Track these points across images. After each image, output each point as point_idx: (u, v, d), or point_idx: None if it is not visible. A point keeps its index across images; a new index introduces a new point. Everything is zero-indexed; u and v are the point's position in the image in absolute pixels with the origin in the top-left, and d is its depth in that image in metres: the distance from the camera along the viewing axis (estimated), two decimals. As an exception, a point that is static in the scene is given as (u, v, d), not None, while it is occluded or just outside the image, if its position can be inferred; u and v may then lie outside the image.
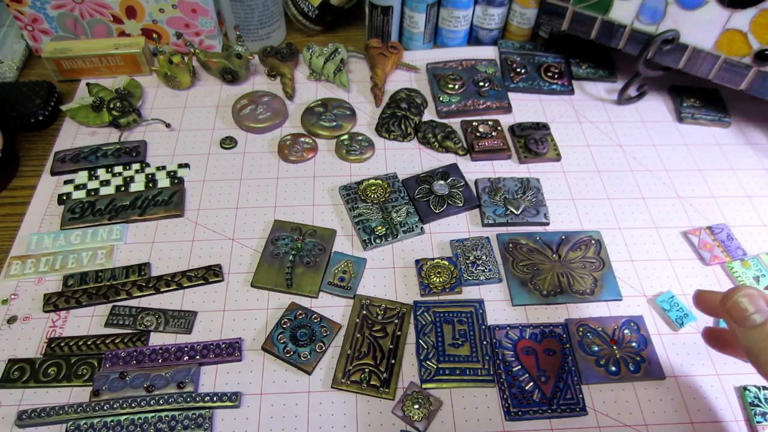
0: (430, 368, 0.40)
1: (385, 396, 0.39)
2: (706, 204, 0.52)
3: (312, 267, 0.45)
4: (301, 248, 0.46)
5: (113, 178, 0.52)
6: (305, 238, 0.47)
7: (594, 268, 0.46)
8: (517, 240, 0.48)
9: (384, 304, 0.43)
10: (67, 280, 0.44)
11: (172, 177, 0.52)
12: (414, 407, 0.38)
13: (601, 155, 0.56)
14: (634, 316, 0.43)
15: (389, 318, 0.42)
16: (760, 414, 0.38)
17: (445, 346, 0.41)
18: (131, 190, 0.51)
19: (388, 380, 0.39)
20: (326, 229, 0.48)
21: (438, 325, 0.42)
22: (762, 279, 0.46)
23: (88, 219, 0.48)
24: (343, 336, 0.42)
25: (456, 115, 0.59)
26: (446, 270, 0.45)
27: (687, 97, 0.61)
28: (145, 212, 0.49)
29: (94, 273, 0.45)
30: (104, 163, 0.53)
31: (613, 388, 0.40)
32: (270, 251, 0.46)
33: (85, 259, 0.46)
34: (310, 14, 0.67)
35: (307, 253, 0.46)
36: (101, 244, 0.47)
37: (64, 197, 0.50)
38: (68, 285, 0.44)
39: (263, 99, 0.59)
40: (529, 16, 0.66)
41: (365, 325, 0.42)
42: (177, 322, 0.42)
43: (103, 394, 0.38)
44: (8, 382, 0.39)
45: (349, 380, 0.39)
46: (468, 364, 0.40)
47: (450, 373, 0.40)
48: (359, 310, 0.43)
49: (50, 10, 0.60)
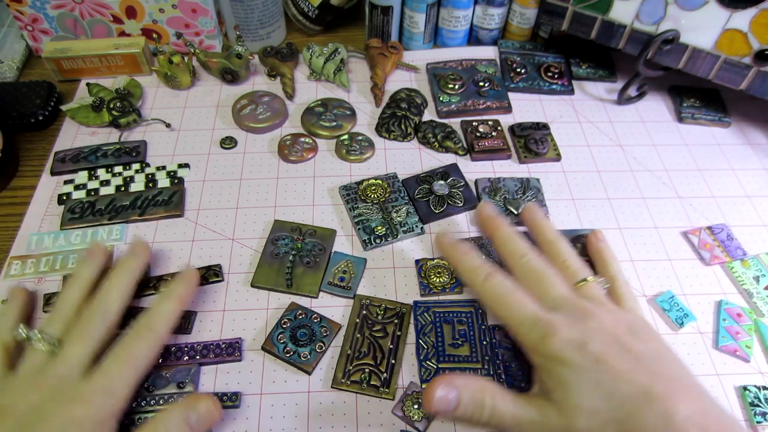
0: (430, 368, 0.40)
1: (385, 396, 0.39)
2: (706, 204, 0.52)
3: (312, 267, 0.45)
4: (301, 248, 0.46)
5: (113, 178, 0.52)
6: (305, 238, 0.47)
7: None
8: None
9: (384, 304, 0.43)
10: None
11: (172, 177, 0.52)
12: (414, 407, 0.38)
13: (601, 155, 0.56)
14: None
15: (389, 318, 0.42)
16: (760, 414, 0.38)
17: (445, 347, 0.41)
18: (131, 190, 0.51)
19: (388, 380, 0.39)
20: (326, 229, 0.48)
21: (438, 325, 0.42)
22: (762, 279, 0.46)
23: (88, 219, 0.48)
24: (343, 336, 0.42)
25: (456, 115, 0.59)
26: (446, 270, 0.45)
27: (687, 97, 0.61)
28: (145, 212, 0.49)
29: None
30: (104, 163, 0.53)
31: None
32: (270, 251, 0.46)
33: None
34: (310, 14, 0.67)
35: (307, 253, 0.46)
36: None
37: (64, 197, 0.50)
38: None
39: (263, 99, 0.59)
40: (529, 16, 0.66)
41: (365, 325, 0.42)
42: (177, 321, 0.42)
43: None
44: None
45: (349, 380, 0.39)
46: (468, 365, 0.40)
47: None
48: (359, 310, 0.43)
49: (50, 10, 0.60)
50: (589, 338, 0.33)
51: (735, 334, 0.42)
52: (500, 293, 0.38)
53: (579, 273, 0.39)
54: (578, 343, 0.33)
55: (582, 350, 0.33)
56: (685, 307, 0.44)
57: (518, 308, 0.36)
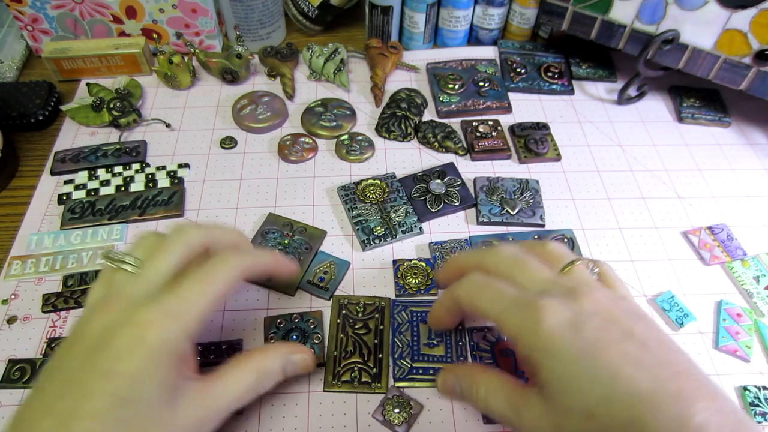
0: (403, 366, 0.40)
1: (379, 390, 0.39)
2: (706, 204, 0.52)
3: None
4: (288, 244, 0.47)
5: (113, 178, 0.52)
6: (294, 235, 0.47)
7: None
8: (489, 242, 0.48)
9: (362, 300, 0.43)
10: (67, 281, 0.44)
11: (172, 177, 0.52)
12: (394, 411, 0.37)
13: (601, 155, 0.56)
14: None
15: (370, 314, 0.42)
16: (760, 414, 0.38)
17: (420, 346, 0.41)
18: (131, 190, 0.51)
19: (378, 375, 0.39)
20: (317, 229, 0.48)
21: (414, 324, 0.42)
22: (762, 279, 0.46)
23: (88, 219, 0.48)
24: (327, 338, 0.41)
25: (456, 115, 0.59)
26: (423, 271, 0.45)
27: (687, 97, 0.61)
28: (145, 212, 0.49)
29: (94, 273, 0.45)
30: (104, 163, 0.53)
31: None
32: (257, 243, 0.47)
33: (85, 259, 0.46)
34: (310, 14, 0.67)
35: (293, 250, 0.46)
36: (101, 244, 0.47)
37: (64, 197, 0.50)
38: (68, 285, 0.44)
39: (263, 99, 0.59)
40: (529, 16, 0.66)
41: (347, 324, 0.42)
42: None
43: None
44: (9, 382, 0.39)
45: (340, 381, 0.39)
46: (442, 365, 0.40)
47: (424, 373, 0.39)
48: (339, 311, 0.43)
49: (50, 10, 0.60)
50: (584, 319, 0.28)
51: (735, 334, 0.42)
52: (479, 285, 0.33)
53: (564, 257, 0.34)
54: (571, 323, 0.28)
55: (577, 333, 0.28)
56: (685, 307, 0.44)
57: (500, 295, 0.32)
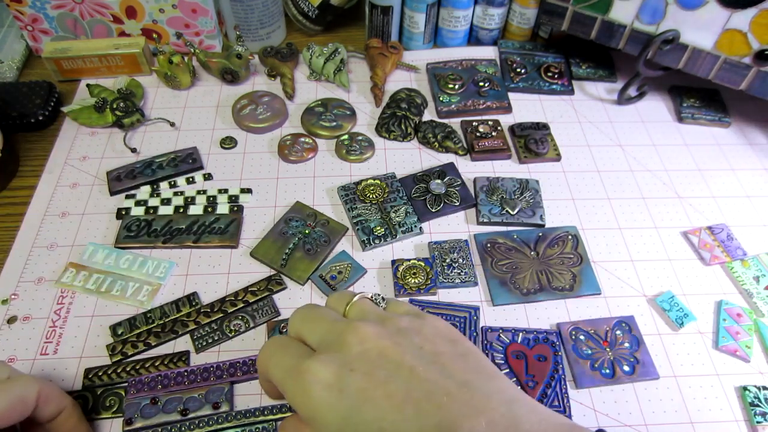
0: None
1: None
2: (706, 204, 0.52)
3: (311, 255, 0.46)
4: (308, 234, 0.47)
5: (175, 197, 0.50)
6: (316, 227, 0.48)
7: (572, 264, 0.46)
8: (495, 239, 0.48)
9: None
10: (116, 329, 0.42)
11: (233, 202, 0.50)
12: None
13: (601, 155, 0.56)
14: (625, 317, 0.43)
15: None
16: (759, 414, 0.38)
17: None
18: (190, 212, 0.49)
19: None
20: (339, 224, 0.48)
21: None
22: (762, 279, 0.46)
23: (143, 239, 0.47)
24: None
25: (456, 115, 0.59)
26: (422, 271, 0.45)
27: (687, 97, 0.61)
28: (200, 239, 0.47)
29: (143, 316, 0.43)
30: (163, 174, 0.52)
31: (612, 389, 0.40)
32: (279, 229, 0.48)
33: (129, 291, 0.44)
34: (310, 14, 0.67)
35: (312, 241, 0.47)
36: (145, 278, 0.45)
37: (123, 212, 0.49)
38: (118, 334, 0.42)
39: (263, 99, 0.59)
40: (529, 16, 0.66)
41: None
42: (263, 310, 0.43)
43: (135, 422, 0.37)
44: None
45: None
46: None
47: None
48: None
49: (50, 10, 0.60)
50: (348, 371, 0.25)
51: (735, 334, 0.42)
52: (269, 352, 0.29)
53: (349, 296, 0.31)
54: (336, 382, 0.25)
55: (340, 392, 0.25)
56: (685, 307, 0.44)
57: (280, 361, 0.28)
